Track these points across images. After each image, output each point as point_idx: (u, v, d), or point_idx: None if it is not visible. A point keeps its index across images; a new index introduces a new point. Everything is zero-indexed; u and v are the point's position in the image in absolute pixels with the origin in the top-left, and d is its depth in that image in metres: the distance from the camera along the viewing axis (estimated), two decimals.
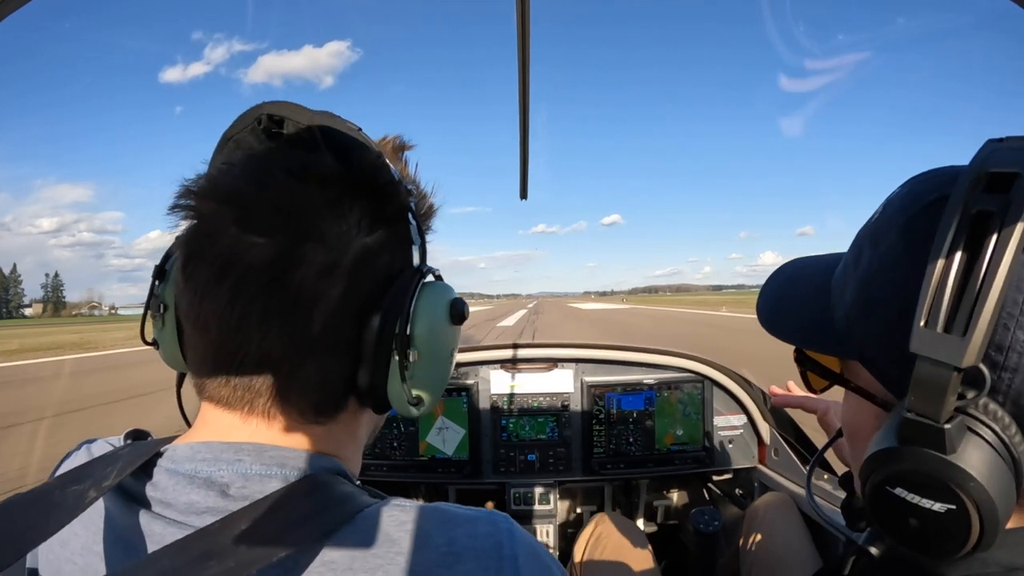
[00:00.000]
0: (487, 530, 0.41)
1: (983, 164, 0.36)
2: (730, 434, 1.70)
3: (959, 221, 0.35)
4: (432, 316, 0.44)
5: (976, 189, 0.35)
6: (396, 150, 0.52)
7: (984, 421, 0.36)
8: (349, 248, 0.41)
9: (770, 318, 0.56)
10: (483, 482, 1.70)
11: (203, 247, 0.40)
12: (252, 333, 0.39)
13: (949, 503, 0.36)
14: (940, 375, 0.34)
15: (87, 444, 0.49)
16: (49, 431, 5.90)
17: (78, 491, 0.40)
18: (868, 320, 0.43)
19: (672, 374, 1.71)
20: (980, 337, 0.33)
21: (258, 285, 0.39)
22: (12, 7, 0.48)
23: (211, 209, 0.40)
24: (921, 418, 0.36)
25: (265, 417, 0.42)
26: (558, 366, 1.73)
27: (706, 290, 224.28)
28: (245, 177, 0.41)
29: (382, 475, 1.67)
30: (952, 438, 0.35)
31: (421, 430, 1.68)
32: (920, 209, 0.40)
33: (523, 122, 1.25)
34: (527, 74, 1.05)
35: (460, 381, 1.70)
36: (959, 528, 0.37)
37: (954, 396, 0.35)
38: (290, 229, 0.39)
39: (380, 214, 0.43)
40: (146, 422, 1.01)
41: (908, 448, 0.37)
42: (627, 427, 1.69)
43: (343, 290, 0.41)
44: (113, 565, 0.40)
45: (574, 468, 1.69)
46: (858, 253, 0.46)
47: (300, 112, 0.45)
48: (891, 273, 0.41)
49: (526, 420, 1.70)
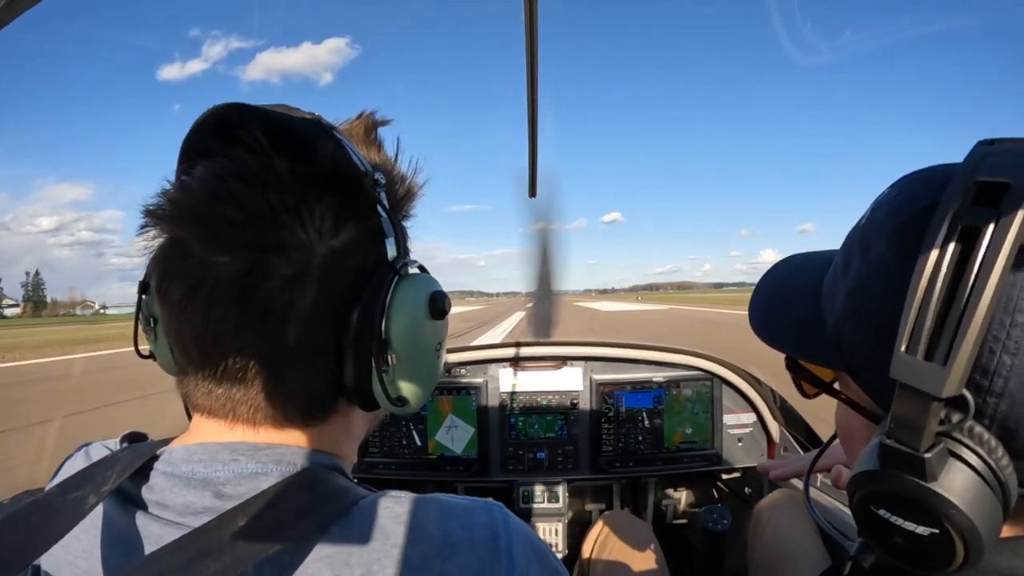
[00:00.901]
0: (483, 520, 0.42)
1: (972, 171, 0.34)
2: (739, 432, 1.69)
3: (944, 236, 0.33)
4: (409, 313, 0.43)
5: (965, 199, 0.34)
6: (369, 130, 0.50)
7: (968, 445, 0.35)
8: (314, 255, 0.40)
9: (762, 325, 0.54)
10: (492, 480, 1.71)
11: (173, 268, 0.40)
12: (228, 347, 0.40)
13: (932, 527, 0.35)
14: (921, 403, 0.33)
15: (85, 448, 0.49)
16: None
17: (78, 497, 0.40)
18: (857, 330, 0.42)
19: (681, 372, 1.70)
20: (962, 366, 0.32)
21: (228, 301, 0.39)
22: (20, 10, 0.49)
23: (175, 231, 0.40)
24: (901, 445, 0.35)
25: (251, 424, 0.43)
26: (567, 364, 1.73)
27: (707, 288, 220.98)
28: (203, 191, 0.40)
29: (391, 473, 1.68)
30: (933, 466, 0.34)
31: (430, 429, 1.68)
32: (910, 216, 0.39)
33: (531, 119, 1.25)
34: (535, 71, 1.04)
35: (469, 380, 1.71)
36: (943, 550, 0.36)
37: (935, 424, 0.34)
38: (251, 244, 0.39)
39: (345, 211, 0.42)
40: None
41: (889, 471, 0.36)
42: (636, 425, 1.68)
43: (314, 298, 0.40)
44: (112, 568, 0.41)
45: (582, 466, 1.69)
46: (848, 258, 0.44)
47: (253, 112, 0.42)
48: (880, 282, 0.40)
49: (535, 418, 1.71)
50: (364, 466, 1.68)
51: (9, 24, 0.50)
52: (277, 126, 0.42)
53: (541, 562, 0.43)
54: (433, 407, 1.68)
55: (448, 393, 1.69)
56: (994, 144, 0.36)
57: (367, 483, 0.46)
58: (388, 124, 0.51)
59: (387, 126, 0.51)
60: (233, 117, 0.42)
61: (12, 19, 0.50)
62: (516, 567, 0.40)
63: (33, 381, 11.07)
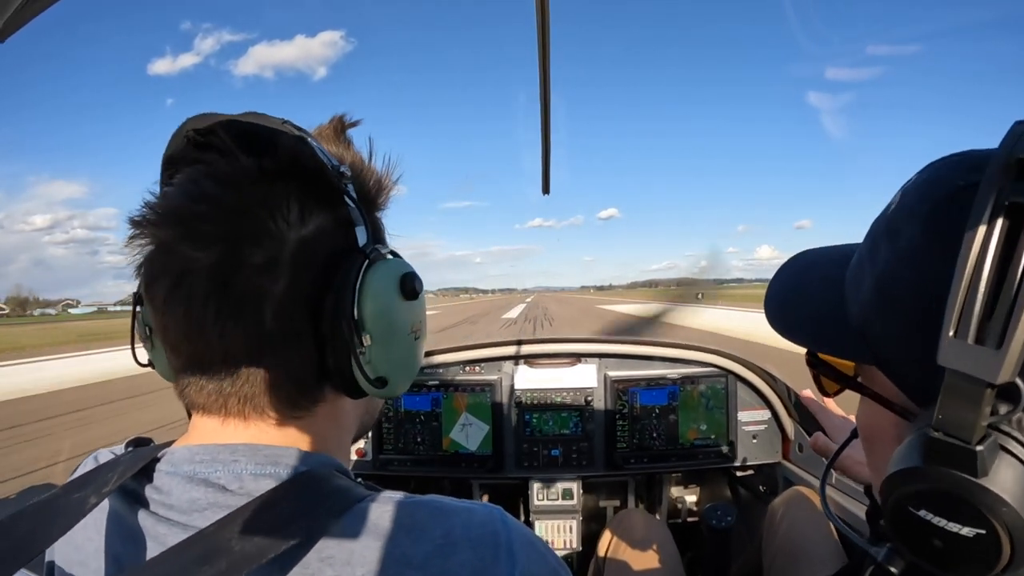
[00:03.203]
0: (482, 519, 0.42)
1: (1014, 149, 0.32)
2: (754, 429, 1.69)
3: (990, 215, 0.31)
4: (381, 294, 0.45)
5: (1008, 177, 0.32)
6: (338, 130, 0.52)
7: (1018, 439, 0.33)
8: (285, 242, 0.42)
9: (779, 318, 0.53)
10: (506, 477, 1.72)
11: (158, 268, 0.42)
12: (211, 336, 0.41)
13: (978, 528, 0.33)
14: (972, 391, 0.31)
15: (95, 454, 0.51)
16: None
17: (80, 498, 0.42)
18: (886, 321, 0.40)
19: (696, 368, 1.70)
20: (1018, 349, 0.30)
21: (207, 290, 0.41)
22: (29, 16, 0.51)
23: (158, 233, 0.42)
24: (950, 438, 0.33)
25: (241, 417, 0.44)
26: (581, 361, 1.73)
27: (709, 284, 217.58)
28: (181, 194, 0.43)
29: (406, 470, 1.70)
30: (984, 460, 0.32)
31: (445, 426, 1.69)
32: (944, 198, 0.37)
33: (544, 117, 1.24)
34: (547, 65, 1.03)
35: (483, 377, 1.72)
36: (988, 552, 0.34)
37: (988, 414, 0.32)
38: (227, 235, 0.41)
39: (312, 202, 0.44)
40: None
41: (934, 468, 0.34)
42: (650, 422, 1.68)
43: (287, 284, 0.42)
44: (121, 567, 0.43)
45: (597, 463, 1.70)
46: (874, 246, 0.42)
47: (221, 120, 0.45)
48: (912, 269, 0.38)
49: (549, 415, 1.71)
50: (379, 463, 1.69)
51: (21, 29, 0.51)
52: (242, 129, 0.45)
53: (541, 560, 0.44)
54: (448, 405, 1.70)
55: (463, 391, 1.70)
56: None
57: (381, 480, 0.47)
58: (357, 125, 0.53)
59: (357, 127, 0.53)
60: (203, 126, 0.45)
61: (24, 24, 0.51)
62: (516, 565, 0.41)
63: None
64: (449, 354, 1.75)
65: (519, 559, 0.41)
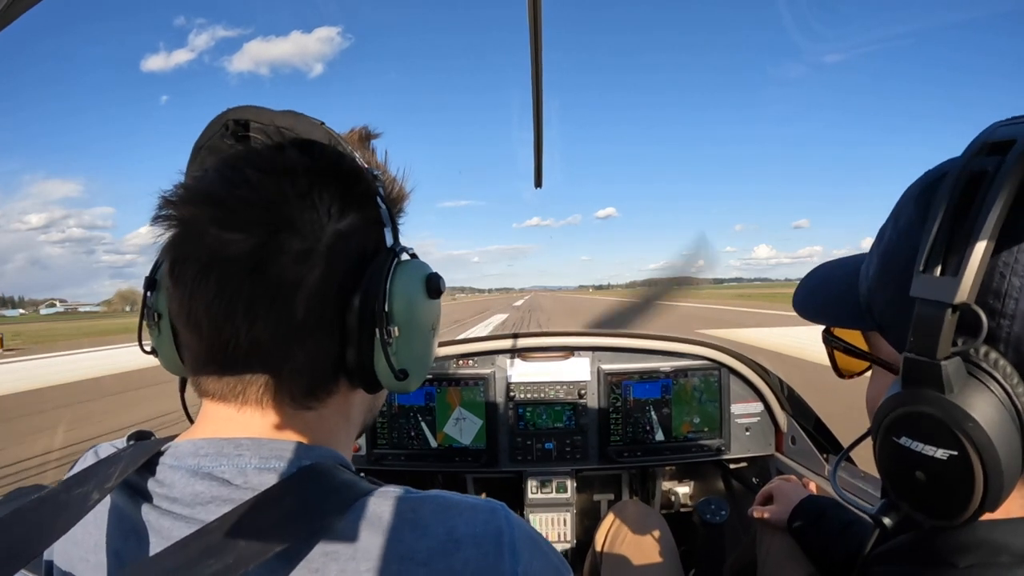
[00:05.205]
0: (486, 517, 0.42)
1: (986, 137, 0.38)
2: (747, 422, 1.69)
3: (957, 180, 0.38)
4: (409, 291, 0.46)
5: (978, 156, 0.38)
6: (363, 140, 0.54)
7: (985, 368, 0.38)
8: (323, 234, 0.43)
9: (803, 306, 0.59)
10: (500, 471, 1.72)
11: (187, 249, 0.42)
12: (240, 323, 0.41)
13: (950, 448, 0.38)
14: (936, 314, 0.37)
15: (95, 448, 0.50)
16: None
17: (82, 493, 0.42)
18: (885, 288, 0.46)
19: (689, 362, 1.70)
20: (972, 275, 0.35)
21: (241, 276, 0.41)
22: (15, 14, 0.50)
23: (190, 213, 0.42)
24: (919, 356, 0.38)
25: (259, 406, 0.44)
26: (574, 354, 1.73)
27: (708, 283, 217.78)
28: (219, 179, 0.43)
29: (400, 465, 1.70)
30: (949, 376, 0.37)
31: (439, 420, 1.69)
32: (932, 181, 0.43)
33: (536, 109, 1.25)
34: (539, 58, 1.04)
35: (477, 371, 1.71)
36: (962, 478, 0.37)
37: (950, 334, 0.37)
38: (265, 222, 0.41)
39: (349, 200, 0.45)
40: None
41: (908, 390, 0.39)
42: (644, 415, 1.69)
43: (321, 274, 0.42)
44: (124, 561, 0.42)
45: (591, 456, 1.70)
46: (882, 231, 0.49)
47: (263, 114, 0.48)
48: (907, 241, 0.43)
49: (543, 409, 1.71)
50: (373, 457, 1.69)
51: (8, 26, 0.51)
52: (285, 124, 0.47)
53: (543, 558, 0.44)
54: (441, 399, 1.69)
55: (456, 385, 1.70)
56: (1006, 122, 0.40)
57: (375, 475, 0.47)
58: (379, 136, 0.55)
59: (378, 139, 0.56)
60: (248, 117, 0.47)
61: (11, 21, 0.51)
62: (519, 563, 0.41)
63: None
64: (442, 348, 1.75)
65: (522, 556, 0.41)
